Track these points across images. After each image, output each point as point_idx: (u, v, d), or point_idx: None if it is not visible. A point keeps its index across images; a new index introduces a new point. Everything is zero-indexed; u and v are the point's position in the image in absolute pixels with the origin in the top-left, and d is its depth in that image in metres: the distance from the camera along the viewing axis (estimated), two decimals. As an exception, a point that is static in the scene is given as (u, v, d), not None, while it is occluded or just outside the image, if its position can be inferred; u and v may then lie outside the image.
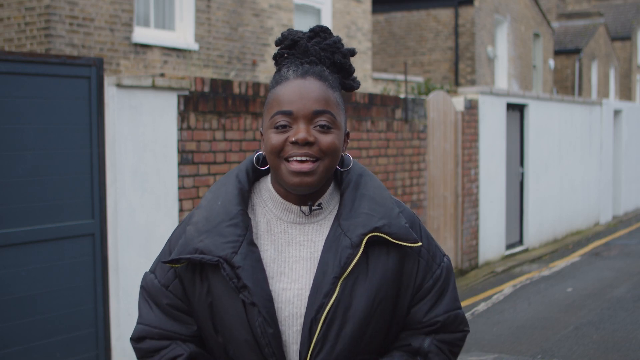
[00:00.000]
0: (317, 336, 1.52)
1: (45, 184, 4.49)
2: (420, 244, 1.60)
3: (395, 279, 1.59)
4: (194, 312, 1.62)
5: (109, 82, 4.83)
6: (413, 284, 1.63)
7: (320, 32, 1.64)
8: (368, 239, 1.55)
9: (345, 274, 1.53)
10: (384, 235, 1.56)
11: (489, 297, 7.99)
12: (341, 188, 1.64)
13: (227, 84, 5.70)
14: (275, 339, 1.52)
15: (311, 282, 1.56)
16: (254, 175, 1.68)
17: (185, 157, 5.36)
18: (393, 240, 1.57)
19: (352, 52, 1.67)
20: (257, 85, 5.96)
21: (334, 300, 1.52)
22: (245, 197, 1.62)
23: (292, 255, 1.59)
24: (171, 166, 5.25)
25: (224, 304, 1.55)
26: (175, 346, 1.61)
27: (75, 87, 4.63)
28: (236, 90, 5.76)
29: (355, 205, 1.59)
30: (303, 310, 1.54)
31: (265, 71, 10.69)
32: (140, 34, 8.91)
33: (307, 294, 1.55)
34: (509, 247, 10.72)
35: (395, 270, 1.59)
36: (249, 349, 1.54)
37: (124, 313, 4.92)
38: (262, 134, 1.62)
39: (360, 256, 1.55)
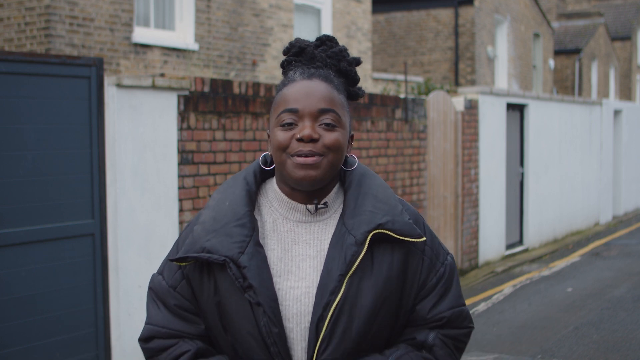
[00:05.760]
0: (324, 334, 1.53)
1: (45, 184, 4.49)
2: (424, 239, 1.62)
3: (400, 276, 1.61)
4: (201, 312, 1.63)
5: (109, 82, 4.83)
6: (417, 281, 1.65)
7: (326, 40, 1.69)
8: (372, 236, 1.57)
9: (351, 272, 1.55)
10: (387, 232, 1.58)
11: (489, 297, 7.99)
12: (344, 187, 1.67)
13: (227, 84, 5.70)
14: (280, 338, 1.54)
15: (318, 280, 1.57)
16: (261, 177, 1.71)
17: (185, 157, 5.36)
18: (397, 237, 1.58)
19: (358, 62, 1.71)
20: (257, 85, 5.96)
21: (340, 298, 1.54)
22: (252, 198, 1.64)
23: (299, 253, 1.61)
24: (171, 166, 5.25)
25: (231, 303, 1.56)
26: (182, 343, 1.62)
27: (75, 87, 4.63)
28: (236, 90, 5.76)
29: (358, 203, 1.61)
30: (310, 308, 1.56)
31: (265, 71, 10.68)
32: (140, 34, 8.91)
33: (314, 292, 1.56)
34: (509, 247, 10.72)
35: (400, 268, 1.61)
36: (257, 347, 1.55)
37: (124, 313, 4.92)
38: (269, 136, 1.64)
39: (365, 254, 1.57)
